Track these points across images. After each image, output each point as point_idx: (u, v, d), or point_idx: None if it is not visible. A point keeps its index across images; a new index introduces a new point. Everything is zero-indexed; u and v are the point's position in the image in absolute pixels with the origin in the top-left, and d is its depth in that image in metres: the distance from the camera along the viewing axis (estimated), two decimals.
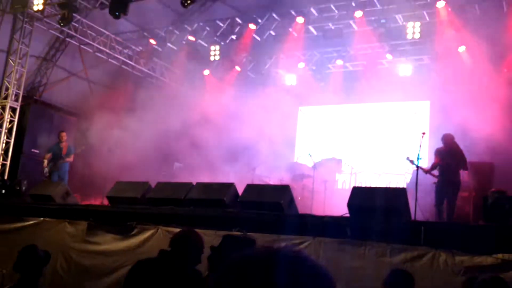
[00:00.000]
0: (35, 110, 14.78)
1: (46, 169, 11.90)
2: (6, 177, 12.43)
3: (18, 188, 10.64)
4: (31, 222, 9.21)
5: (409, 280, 4.24)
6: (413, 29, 12.62)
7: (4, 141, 12.91)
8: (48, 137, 14.58)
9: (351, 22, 13.57)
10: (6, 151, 12.94)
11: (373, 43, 13.98)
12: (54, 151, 12.11)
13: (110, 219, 8.56)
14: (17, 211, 9.67)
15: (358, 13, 12.98)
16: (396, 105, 15.02)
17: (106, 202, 9.65)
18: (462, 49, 13.15)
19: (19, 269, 4.03)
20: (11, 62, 13.14)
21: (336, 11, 13.47)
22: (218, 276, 1.20)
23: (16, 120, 13.15)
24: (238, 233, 6.92)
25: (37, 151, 14.44)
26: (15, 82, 13.12)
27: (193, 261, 3.63)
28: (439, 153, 9.51)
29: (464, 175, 9.88)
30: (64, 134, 12.51)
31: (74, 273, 8.38)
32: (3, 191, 10.77)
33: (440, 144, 9.78)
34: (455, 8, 12.24)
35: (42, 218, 9.17)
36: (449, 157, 9.33)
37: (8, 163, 12.90)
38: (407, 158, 9.80)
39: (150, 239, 7.85)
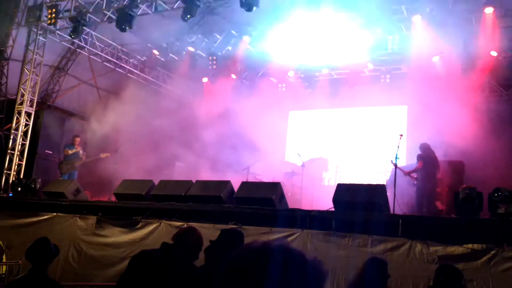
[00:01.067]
0: (49, 114, 14.72)
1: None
2: (22, 176, 12.38)
3: (33, 186, 10.60)
4: (45, 217, 9.21)
5: (382, 267, 4.27)
6: (392, 41, 12.68)
7: (20, 143, 12.84)
8: (60, 139, 14.55)
9: None
10: (22, 152, 12.87)
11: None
12: (71, 152, 12.24)
13: (117, 214, 8.56)
14: (32, 207, 9.65)
15: None
16: (377, 109, 15.07)
17: (113, 198, 9.63)
18: (436, 58, 13.21)
19: (30, 258, 4.02)
20: (26, 71, 13.07)
21: None
22: (221, 272, 1.23)
23: (31, 124, 13.09)
24: (234, 226, 6.95)
25: (51, 152, 14.40)
26: (30, 89, 13.06)
27: (192, 256, 3.66)
28: (421, 158, 9.75)
29: (438, 173, 9.98)
30: (78, 139, 12.57)
31: (85, 263, 8.37)
32: (19, 189, 10.73)
33: (418, 146, 10.01)
34: (430, 22, 12.29)
35: (55, 213, 9.16)
36: (428, 161, 9.57)
37: (23, 163, 12.84)
38: (392, 161, 9.95)
39: (154, 232, 7.85)
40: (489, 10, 11.36)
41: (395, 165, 9.36)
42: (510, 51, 12.48)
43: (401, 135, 9.11)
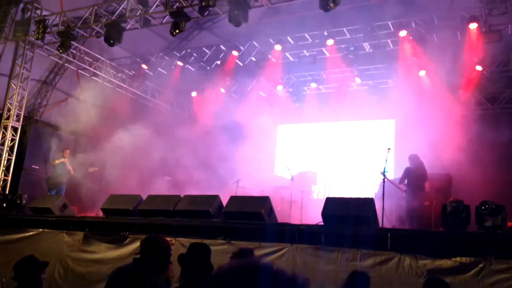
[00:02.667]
0: (35, 129, 14.58)
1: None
2: (7, 192, 12.20)
3: (18, 201, 10.43)
4: (31, 233, 9.06)
5: (365, 281, 4.28)
6: (378, 56, 12.83)
7: (6, 158, 12.69)
8: (48, 154, 14.38)
9: (323, 49, 13.76)
10: (7, 167, 12.71)
11: (343, 68, 14.17)
12: (58, 166, 12.11)
13: (105, 229, 8.46)
14: (18, 223, 9.49)
15: (330, 42, 13.17)
16: (365, 123, 15.18)
17: (101, 213, 9.52)
18: (422, 73, 13.38)
19: (17, 279, 3.94)
20: (13, 86, 12.98)
21: (310, 40, 13.66)
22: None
23: (17, 138, 12.96)
24: (222, 241, 6.90)
25: (37, 167, 14.23)
26: (17, 104, 12.96)
27: (162, 263, 3.60)
28: (408, 171, 9.80)
29: (426, 186, 10.04)
30: (68, 151, 12.47)
31: (71, 280, 8.23)
32: (4, 204, 10.56)
33: (405, 160, 10.07)
34: (415, 37, 12.49)
35: (41, 229, 9.02)
36: (416, 174, 9.62)
37: (9, 178, 12.67)
38: (381, 172, 9.91)
39: None
40: (473, 26, 11.58)
41: (384, 176, 9.38)
42: None
43: (389, 149, 9.16)
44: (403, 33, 12.39)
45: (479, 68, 12.80)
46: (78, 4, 12.47)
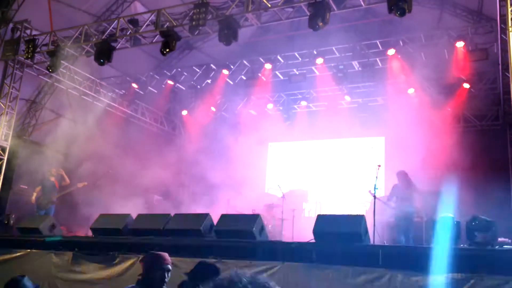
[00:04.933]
0: (24, 148, 14.44)
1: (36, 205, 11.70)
2: None
3: (6, 222, 10.30)
4: (18, 254, 8.92)
5: None
6: (368, 74, 12.99)
7: None
8: (36, 173, 14.25)
9: (313, 68, 13.92)
10: None
11: (333, 86, 14.32)
12: (47, 185, 11.96)
13: (94, 249, 8.36)
14: (5, 244, 9.34)
15: (319, 60, 13.34)
16: (355, 140, 15.27)
17: (90, 233, 9.42)
18: (411, 91, 13.56)
19: None
20: (2, 105, 12.89)
21: (300, 58, 13.82)
22: None
23: (5, 158, 12.82)
24: (213, 260, 6.84)
25: (26, 187, 14.07)
26: (5, 123, 12.86)
27: (159, 280, 3.56)
28: (396, 188, 9.83)
29: (416, 202, 10.06)
30: (54, 170, 12.35)
31: None
32: None
33: (394, 176, 10.10)
34: (404, 56, 12.70)
35: (29, 250, 8.89)
36: (405, 190, 9.64)
37: None
38: (370, 192, 9.98)
39: (131, 268, 7.67)
40: (460, 44, 11.81)
41: (374, 196, 9.45)
42: None
43: (379, 166, 9.21)
44: (391, 51, 12.60)
45: (466, 85, 13.01)
46: (68, 24, 12.51)
